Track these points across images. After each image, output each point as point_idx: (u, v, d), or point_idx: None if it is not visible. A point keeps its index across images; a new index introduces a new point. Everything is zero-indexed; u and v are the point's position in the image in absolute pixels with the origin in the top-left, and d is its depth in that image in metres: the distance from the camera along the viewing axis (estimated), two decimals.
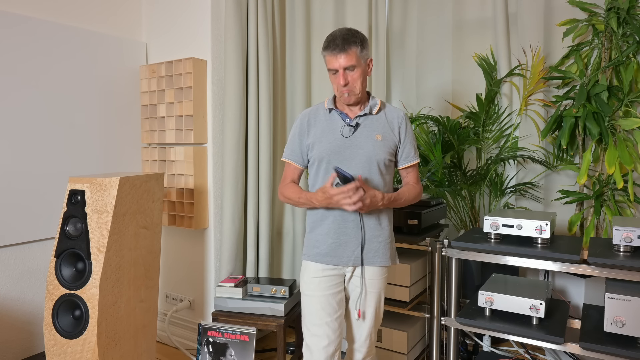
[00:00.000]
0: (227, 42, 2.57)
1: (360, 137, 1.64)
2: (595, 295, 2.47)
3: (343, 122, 1.66)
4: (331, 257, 1.65)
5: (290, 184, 1.73)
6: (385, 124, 1.68)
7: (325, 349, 1.61)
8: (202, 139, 2.68)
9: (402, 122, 1.70)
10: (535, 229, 1.79)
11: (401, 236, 2.16)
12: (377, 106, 1.68)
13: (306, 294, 1.69)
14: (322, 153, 1.64)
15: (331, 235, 1.64)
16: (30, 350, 2.44)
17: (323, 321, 1.63)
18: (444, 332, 2.10)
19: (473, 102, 2.82)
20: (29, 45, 2.37)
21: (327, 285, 1.66)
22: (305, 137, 1.70)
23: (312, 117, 1.72)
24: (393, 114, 1.71)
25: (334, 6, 2.85)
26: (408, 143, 1.71)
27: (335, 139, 1.64)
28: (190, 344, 2.80)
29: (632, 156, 2.15)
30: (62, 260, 1.86)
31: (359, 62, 1.59)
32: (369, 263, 1.66)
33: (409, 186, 1.73)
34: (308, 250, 1.71)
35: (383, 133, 1.66)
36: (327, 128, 1.67)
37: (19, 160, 2.35)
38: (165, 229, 2.94)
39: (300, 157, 1.73)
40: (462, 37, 2.89)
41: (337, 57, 1.57)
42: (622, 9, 2.23)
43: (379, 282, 1.68)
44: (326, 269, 1.66)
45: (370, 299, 1.68)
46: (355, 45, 1.58)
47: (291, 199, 1.69)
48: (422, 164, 2.84)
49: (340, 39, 1.56)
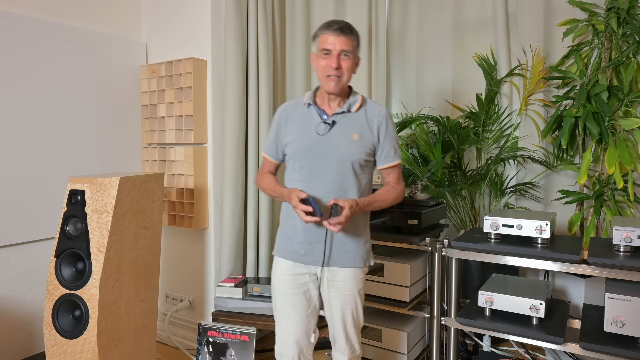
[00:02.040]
0: (227, 42, 2.57)
1: (336, 136, 1.59)
2: (595, 295, 2.46)
3: (320, 118, 1.61)
4: (301, 255, 1.62)
5: (267, 175, 1.73)
6: (364, 122, 1.62)
7: (293, 345, 1.65)
8: (202, 139, 2.68)
9: (382, 121, 1.63)
10: (535, 229, 1.78)
11: (401, 236, 2.16)
12: (357, 103, 1.62)
13: (277, 290, 1.67)
14: (296, 151, 1.61)
15: (300, 233, 1.62)
16: (30, 350, 2.44)
17: (293, 319, 1.64)
18: (444, 332, 2.10)
19: (473, 102, 2.82)
20: (29, 45, 2.37)
21: (298, 283, 1.64)
22: (283, 132, 1.67)
23: (291, 112, 1.67)
24: (374, 112, 1.64)
25: (334, 6, 2.85)
26: (388, 143, 1.64)
27: (310, 137, 1.60)
28: (190, 344, 2.80)
29: (632, 156, 2.15)
30: (62, 260, 1.86)
31: (354, 52, 1.56)
32: (339, 264, 1.62)
33: (387, 187, 1.68)
34: (280, 246, 1.69)
35: (360, 132, 1.60)
36: (303, 124, 1.63)
37: (19, 160, 2.35)
38: (165, 229, 2.94)
39: (275, 152, 1.71)
40: (462, 37, 2.89)
41: (338, 37, 1.52)
42: (622, 9, 2.23)
43: (352, 284, 1.64)
44: (297, 267, 1.64)
45: (346, 301, 1.64)
46: (354, 35, 1.56)
47: (265, 189, 1.70)
48: (422, 164, 2.84)
49: (343, 23, 1.55)
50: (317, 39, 1.58)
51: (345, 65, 1.55)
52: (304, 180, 1.61)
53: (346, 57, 1.55)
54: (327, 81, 1.56)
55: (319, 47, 1.57)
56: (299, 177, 1.62)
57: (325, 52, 1.55)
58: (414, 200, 2.29)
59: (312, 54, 1.64)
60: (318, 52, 1.57)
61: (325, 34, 1.54)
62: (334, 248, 1.61)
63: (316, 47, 1.59)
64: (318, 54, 1.58)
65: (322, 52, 1.55)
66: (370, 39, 2.86)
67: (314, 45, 1.62)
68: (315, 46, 1.60)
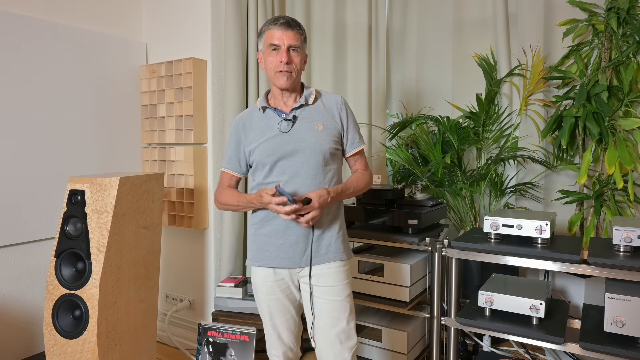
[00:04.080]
0: (227, 42, 2.57)
1: (300, 130, 1.57)
2: (595, 295, 2.46)
3: (279, 117, 1.59)
4: (282, 259, 1.58)
5: (227, 189, 1.68)
6: (324, 112, 1.61)
7: (282, 345, 1.65)
8: (202, 139, 2.68)
9: (341, 108, 1.63)
10: (535, 229, 1.78)
11: (401, 236, 2.16)
12: (312, 95, 1.61)
13: (260, 296, 1.64)
14: (263, 154, 1.56)
15: (279, 235, 1.57)
16: (30, 350, 2.44)
17: (278, 321, 1.64)
18: (444, 332, 2.10)
19: (473, 102, 2.82)
20: (29, 45, 2.37)
21: (280, 288, 1.61)
22: (244, 143, 1.63)
23: (247, 121, 1.63)
24: (331, 100, 1.63)
25: (334, 6, 2.85)
26: (351, 128, 1.64)
27: (274, 137, 1.56)
28: (190, 344, 2.80)
29: (632, 156, 2.15)
30: (62, 260, 1.86)
31: (302, 47, 1.55)
32: (324, 260, 1.58)
33: (357, 174, 1.67)
34: (256, 254, 1.62)
35: (324, 122, 1.59)
36: (264, 128, 1.59)
37: (19, 160, 2.35)
38: (165, 229, 2.94)
39: (238, 166, 1.67)
40: (462, 37, 2.89)
41: (285, 31, 1.50)
42: (622, 9, 2.23)
43: (339, 275, 1.59)
44: (278, 272, 1.60)
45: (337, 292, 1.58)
46: (302, 30, 1.55)
47: (229, 204, 1.64)
48: (422, 164, 2.84)
49: (289, 18, 1.54)
50: (263, 35, 1.55)
51: (296, 60, 1.53)
52: (279, 181, 1.57)
53: (295, 52, 1.53)
54: (279, 77, 1.53)
55: (266, 43, 1.54)
56: (272, 180, 1.57)
57: (273, 48, 1.52)
58: (414, 200, 2.29)
59: (259, 52, 1.61)
60: (265, 48, 1.55)
61: (272, 29, 1.52)
62: (314, 245, 1.58)
63: (263, 44, 1.56)
64: (266, 51, 1.55)
65: (269, 47, 1.53)
66: (370, 39, 2.86)
67: (260, 42, 1.59)
68: (262, 43, 1.57)
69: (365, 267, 2.28)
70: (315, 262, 1.58)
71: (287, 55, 1.51)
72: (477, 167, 2.71)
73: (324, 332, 1.60)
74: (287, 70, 1.52)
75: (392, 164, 2.94)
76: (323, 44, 2.87)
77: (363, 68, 2.85)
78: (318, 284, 1.59)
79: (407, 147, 2.92)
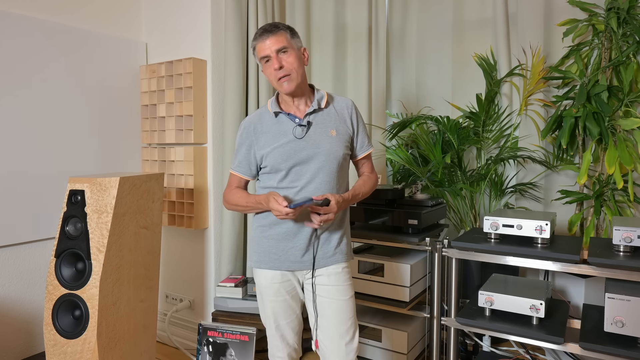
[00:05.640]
0: (227, 42, 2.57)
1: (315, 136, 1.56)
2: (595, 295, 2.46)
3: (293, 123, 1.58)
4: (291, 262, 1.58)
5: (236, 190, 1.67)
6: (337, 117, 1.61)
7: (286, 347, 1.65)
8: (202, 139, 2.68)
9: (352, 111, 1.64)
10: (535, 229, 1.78)
11: (401, 236, 2.16)
12: (324, 99, 1.61)
13: (264, 298, 1.64)
14: (278, 160, 1.55)
15: (290, 238, 1.58)
16: (30, 350, 2.44)
17: (284, 322, 1.64)
18: (444, 332, 2.10)
19: (473, 102, 2.82)
20: (29, 44, 2.37)
21: (286, 290, 1.62)
22: (256, 147, 1.61)
23: (258, 124, 1.62)
24: (342, 104, 1.64)
25: (334, 6, 2.85)
26: (361, 132, 1.66)
27: (289, 142, 1.55)
28: (190, 344, 2.80)
29: (632, 156, 2.15)
30: (62, 260, 1.86)
31: (291, 45, 1.53)
32: (331, 262, 1.60)
33: (363, 177, 1.68)
34: (262, 256, 1.62)
35: (336, 127, 1.60)
36: (277, 133, 1.58)
37: (19, 160, 2.35)
38: (165, 229, 2.94)
39: (248, 169, 1.66)
40: (462, 37, 2.89)
41: (265, 41, 1.51)
42: (622, 9, 2.23)
43: (344, 275, 1.61)
44: (285, 273, 1.61)
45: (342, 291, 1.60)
46: (282, 29, 1.53)
47: (238, 204, 1.63)
48: (422, 164, 2.84)
49: (267, 25, 1.54)
50: (254, 52, 1.57)
51: (288, 61, 1.52)
52: (293, 187, 1.57)
53: (285, 53, 1.52)
54: (280, 84, 1.54)
55: (258, 59, 1.57)
56: (286, 185, 1.57)
57: (265, 60, 1.54)
58: (414, 200, 2.29)
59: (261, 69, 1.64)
60: (261, 63, 1.57)
61: (257, 44, 1.54)
62: (322, 247, 1.59)
63: (258, 60, 1.58)
64: (262, 65, 1.58)
65: (262, 61, 1.55)
66: (370, 39, 2.86)
67: (256, 59, 1.61)
68: (257, 59, 1.59)
69: (365, 267, 2.28)
70: (323, 264, 1.60)
71: (277, 60, 1.51)
72: (477, 167, 2.71)
73: (329, 332, 1.60)
74: (284, 73, 1.52)
75: (392, 164, 2.94)
76: (323, 44, 2.87)
77: (363, 68, 2.85)
78: (323, 283, 1.61)
79: (407, 147, 2.92)
